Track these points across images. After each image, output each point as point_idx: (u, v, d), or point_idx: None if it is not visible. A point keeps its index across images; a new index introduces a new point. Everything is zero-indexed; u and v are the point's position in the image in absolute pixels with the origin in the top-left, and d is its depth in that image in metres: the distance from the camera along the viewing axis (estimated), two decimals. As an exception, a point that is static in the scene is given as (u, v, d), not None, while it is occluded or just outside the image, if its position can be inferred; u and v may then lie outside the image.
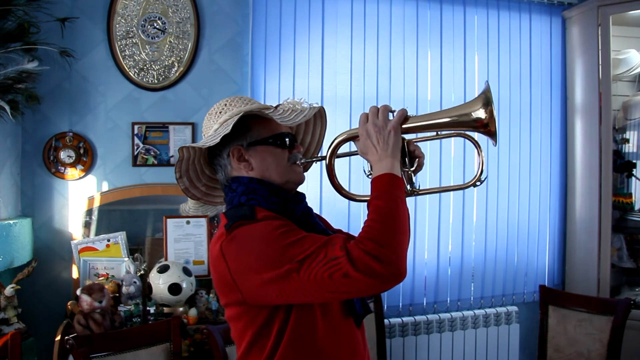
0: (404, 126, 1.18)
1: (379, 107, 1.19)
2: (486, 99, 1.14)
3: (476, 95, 1.17)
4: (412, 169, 1.21)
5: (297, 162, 1.22)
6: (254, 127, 1.19)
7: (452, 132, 1.26)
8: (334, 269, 0.96)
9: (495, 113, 1.15)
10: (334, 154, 1.23)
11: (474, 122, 1.19)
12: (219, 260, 1.09)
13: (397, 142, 1.15)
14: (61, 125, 2.49)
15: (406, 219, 1.08)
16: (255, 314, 1.10)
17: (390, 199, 1.05)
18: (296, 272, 0.99)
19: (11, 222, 2.20)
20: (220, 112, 1.21)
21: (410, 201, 2.96)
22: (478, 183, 1.24)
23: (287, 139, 1.20)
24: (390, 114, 1.19)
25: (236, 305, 1.11)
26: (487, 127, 1.17)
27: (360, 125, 1.17)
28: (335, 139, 1.23)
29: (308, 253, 0.99)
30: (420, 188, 1.22)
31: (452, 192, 2.98)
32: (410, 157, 1.21)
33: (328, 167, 1.24)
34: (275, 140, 1.19)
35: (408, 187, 1.20)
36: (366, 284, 0.96)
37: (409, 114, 1.20)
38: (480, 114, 1.16)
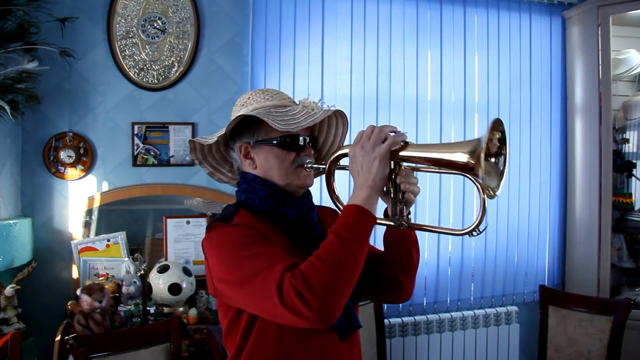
0: (399, 154, 1.06)
1: (376, 127, 1.08)
2: (477, 146, 0.98)
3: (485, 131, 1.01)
4: (401, 202, 1.11)
5: (304, 166, 1.19)
6: (262, 126, 1.19)
7: (453, 171, 1.07)
8: (266, 295, 0.96)
9: (500, 163, 1.02)
10: (334, 165, 1.19)
11: (465, 168, 1.01)
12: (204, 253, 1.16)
13: (380, 171, 1.04)
14: (61, 125, 2.49)
15: (356, 264, 0.99)
16: (226, 308, 1.16)
17: (347, 237, 0.97)
18: (244, 285, 1.01)
19: (11, 222, 2.20)
20: (242, 105, 1.24)
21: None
22: (475, 233, 1.07)
23: (294, 141, 1.18)
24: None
25: (214, 296, 1.17)
26: (477, 177, 0.99)
27: (352, 145, 1.11)
28: (336, 150, 1.20)
29: (255, 271, 1.00)
30: (411, 222, 1.14)
31: (452, 193, 2.99)
32: (398, 190, 1.11)
33: (327, 178, 1.21)
34: (280, 142, 1.17)
35: (392, 221, 1.13)
36: (291, 320, 0.95)
37: (408, 139, 1.08)
38: (467, 159, 0.99)
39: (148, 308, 2.20)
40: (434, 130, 2.95)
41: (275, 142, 1.17)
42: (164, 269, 2.26)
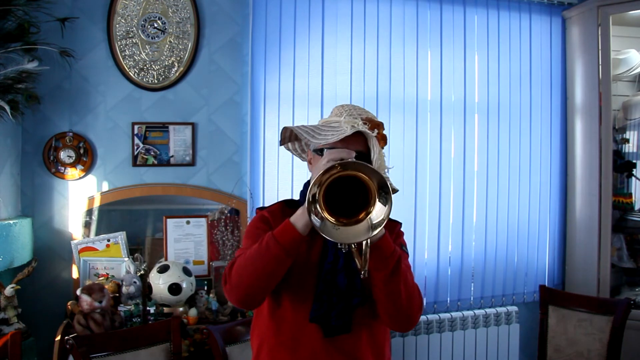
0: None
1: (329, 159, 1.13)
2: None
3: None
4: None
5: None
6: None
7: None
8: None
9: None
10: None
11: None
12: None
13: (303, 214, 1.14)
14: (61, 125, 2.49)
15: (263, 266, 1.17)
16: None
17: (266, 243, 1.17)
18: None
19: (11, 222, 2.20)
20: (330, 113, 1.40)
21: (410, 201, 2.94)
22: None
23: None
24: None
25: None
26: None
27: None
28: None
29: (239, 253, 1.27)
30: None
31: (452, 192, 2.98)
32: None
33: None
34: (321, 153, 1.29)
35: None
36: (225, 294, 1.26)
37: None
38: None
39: (148, 308, 2.20)
40: (434, 130, 2.95)
41: (320, 152, 1.29)
42: (164, 269, 2.26)
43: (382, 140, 1.34)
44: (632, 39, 3.10)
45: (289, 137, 1.42)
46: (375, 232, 1.07)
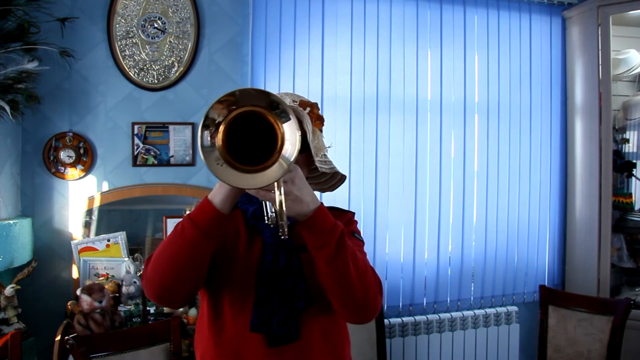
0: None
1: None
2: None
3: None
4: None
5: None
6: None
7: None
8: None
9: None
10: None
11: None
12: None
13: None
14: (61, 125, 2.49)
15: (174, 250, 1.03)
16: None
17: (183, 227, 1.02)
18: None
19: (11, 222, 2.20)
20: None
21: (410, 201, 2.94)
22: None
23: None
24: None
25: None
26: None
27: None
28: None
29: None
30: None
31: (452, 192, 2.99)
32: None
33: None
34: None
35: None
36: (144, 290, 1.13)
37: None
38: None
39: (148, 308, 2.20)
40: (434, 130, 2.95)
41: None
42: (164, 269, 2.26)
43: (318, 120, 1.24)
44: (632, 39, 3.10)
45: None
46: (289, 162, 0.90)
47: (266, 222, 1.08)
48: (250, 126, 0.93)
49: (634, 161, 2.99)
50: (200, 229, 1.00)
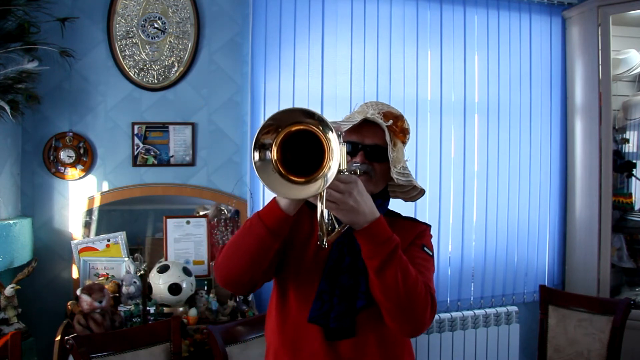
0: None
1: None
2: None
3: None
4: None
5: (350, 171, 1.18)
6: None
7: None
8: None
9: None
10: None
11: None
12: None
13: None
14: (61, 125, 2.49)
15: (243, 244, 1.13)
16: None
17: (250, 222, 1.12)
18: None
19: (11, 222, 2.20)
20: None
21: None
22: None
23: (349, 146, 1.26)
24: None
25: None
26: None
27: None
28: None
29: None
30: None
31: (452, 192, 2.98)
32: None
33: None
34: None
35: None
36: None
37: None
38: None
39: (148, 308, 2.20)
40: (434, 130, 2.95)
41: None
42: (164, 269, 2.26)
43: (401, 133, 1.32)
44: (632, 39, 3.10)
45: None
46: (326, 184, 0.94)
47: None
48: (306, 142, 0.98)
49: (634, 161, 2.99)
50: (266, 227, 1.08)
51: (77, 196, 2.50)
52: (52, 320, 2.33)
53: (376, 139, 1.27)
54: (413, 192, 1.40)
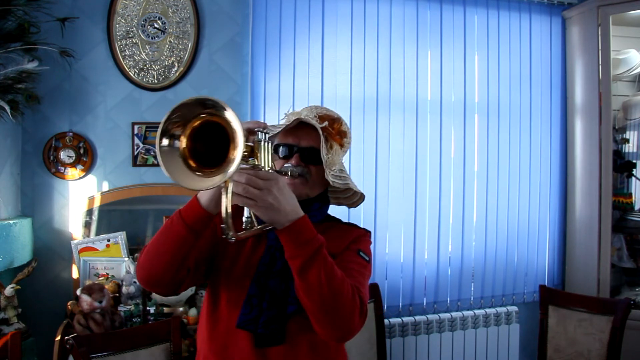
0: None
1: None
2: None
3: None
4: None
5: (281, 172, 1.19)
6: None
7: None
8: None
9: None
10: None
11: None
12: None
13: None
14: (61, 125, 2.49)
15: (163, 240, 1.09)
16: None
17: (172, 220, 1.09)
18: None
19: (11, 222, 2.20)
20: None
21: (410, 201, 2.93)
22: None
23: (276, 149, 1.27)
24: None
25: None
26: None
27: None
28: None
29: None
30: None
31: (452, 192, 2.98)
32: None
33: None
34: (275, 149, 1.27)
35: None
36: None
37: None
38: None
39: (148, 308, 2.20)
40: (434, 130, 2.95)
41: (274, 149, 1.26)
42: (164, 269, 2.26)
43: (338, 135, 1.26)
44: (632, 39, 3.10)
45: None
46: (227, 175, 0.89)
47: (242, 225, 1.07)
48: (215, 134, 0.95)
49: (634, 161, 2.99)
50: (186, 225, 1.05)
51: (77, 196, 2.50)
52: (52, 320, 2.32)
53: (312, 142, 1.24)
54: (354, 198, 1.37)
